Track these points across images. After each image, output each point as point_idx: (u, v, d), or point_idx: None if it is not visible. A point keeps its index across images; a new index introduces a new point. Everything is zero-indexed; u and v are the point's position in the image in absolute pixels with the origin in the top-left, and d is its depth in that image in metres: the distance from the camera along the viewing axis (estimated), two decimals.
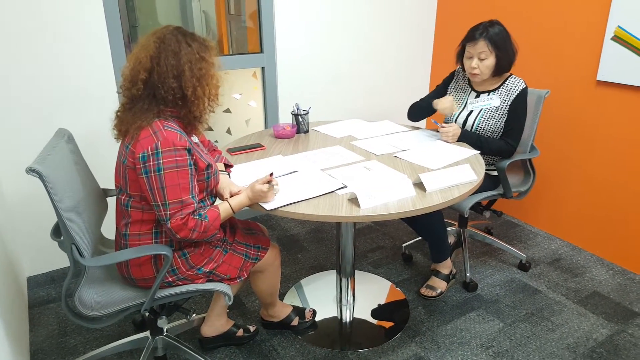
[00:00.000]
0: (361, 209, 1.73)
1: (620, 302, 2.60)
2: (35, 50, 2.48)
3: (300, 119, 2.67)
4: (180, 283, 1.79)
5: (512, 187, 2.60)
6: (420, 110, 2.70)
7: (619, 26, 2.65)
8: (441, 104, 2.51)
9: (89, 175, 1.94)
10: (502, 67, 2.44)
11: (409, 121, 2.85)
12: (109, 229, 2.49)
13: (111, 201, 2.11)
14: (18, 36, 2.42)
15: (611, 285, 2.74)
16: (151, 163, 1.57)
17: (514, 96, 2.47)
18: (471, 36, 2.43)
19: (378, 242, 3.24)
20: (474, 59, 2.44)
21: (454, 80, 2.71)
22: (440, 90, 2.75)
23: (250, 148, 2.42)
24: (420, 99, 2.75)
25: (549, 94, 2.68)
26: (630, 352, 2.24)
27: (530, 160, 2.71)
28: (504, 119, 2.51)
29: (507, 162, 2.48)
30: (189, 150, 1.63)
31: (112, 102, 2.74)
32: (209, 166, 1.74)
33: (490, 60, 2.41)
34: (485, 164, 2.60)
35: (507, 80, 2.51)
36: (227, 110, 3.40)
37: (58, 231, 1.74)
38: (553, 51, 3.06)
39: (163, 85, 1.62)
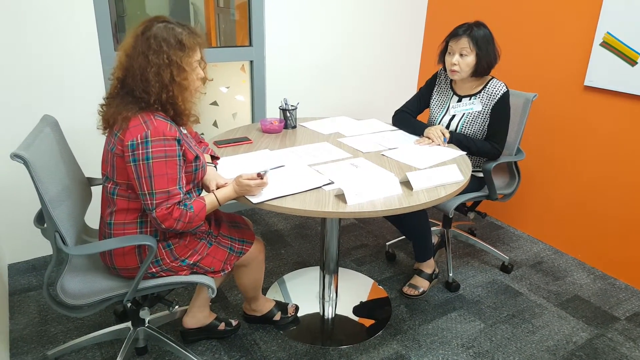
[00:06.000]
0: (347, 205, 1.74)
1: (600, 306, 2.64)
2: (21, 36, 2.44)
3: (288, 114, 2.66)
4: (163, 274, 1.78)
5: (497, 189, 2.63)
6: (408, 129, 2.67)
7: (608, 32, 2.68)
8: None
9: (73, 163, 1.91)
10: (481, 69, 2.44)
11: None
12: (92, 218, 2.46)
13: (95, 190, 2.09)
14: (2, 22, 2.38)
15: (592, 290, 2.78)
16: (140, 151, 1.56)
17: (496, 100, 2.48)
18: (455, 32, 2.45)
19: (362, 240, 3.25)
20: (455, 55, 2.44)
21: (436, 83, 2.72)
22: (423, 94, 2.75)
23: (237, 141, 2.41)
24: (406, 107, 2.74)
25: (537, 98, 2.70)
26: (609, 356, 2.27)
27: (515, 163, 2.73)
28: (487, 122, 2.53)
29: (493, 164, 2.50)
30: (179, 141, 1.62)
31: (98, 90, 2.71)
32: (197, 158, 1.73)
33: (470, 59, 2.42)
34: (472, 166, 2.61)
35: (489, 84, 2.52)
36: (214, 103, 3.38)
37: (41, 218, 1.72)
38: (542, 55, 3.08)
39: (137, 88, 1.60)
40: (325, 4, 3.38)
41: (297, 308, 2.46)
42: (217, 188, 1.82)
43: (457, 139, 2.50)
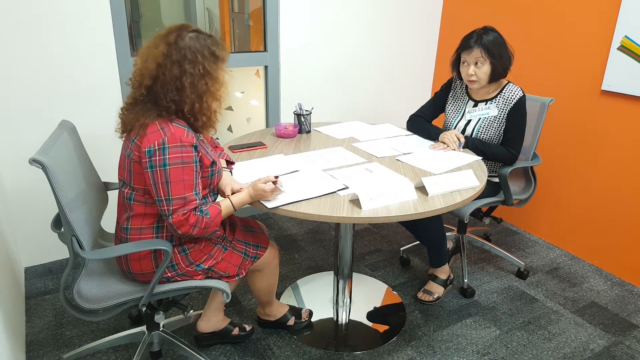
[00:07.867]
0: (362, 210, 1.73)
1: (618, 313, 2.60)
2: (38, 41, 2.47)
3: (303, 119, 2.66)
4: (179, 279, 1.79)
5: (513, 195, 2.60)
6: (423, 134, 2.66)
7: (625, 36, 2.65)
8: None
9: (90, 168, 1.93)
10: (498, 74, 2.44)
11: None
12: (108, 222, 2.48)
13: (111, 195, 2.10)
14: (21, 28, 2.41)
15: (609, 296, 2.74)
16: (157, 158, 1.57)
17: (512, 105, 2.46)
18: (466, 44, 2.43)
19: (376, 245, 3.23)
20: (471, 66, 2.43)
21: (452, 88, 2.71)
22: (438, 99, 2.74)
23: (252, 146, 2.42)
24: (421, 112, 2.73)
25: (553, 102, 2.68)
26: None
27: (531, 168, 2.71)
28: (503, 127, 2.51)
29: (509, 169, 2.48)
30: (195, 147, 1.63)
31: (115, 96, 2.73)
32: (213, 163, 1.74)
33: (486, 67, 2.41)
34: (487, 171, 2.59)
35: (504, 89, 2.51)
36: (229, 108, 3.39)
37: (58, 222, 1.74)
38: (558, 59, 3.06)
39: (165, 96, 1.61)
40: (340, 9, 3.39)
41: (310, 313, 2.46)
42: (233, 193, 1.82)
43: (472, 144, 2.48)
